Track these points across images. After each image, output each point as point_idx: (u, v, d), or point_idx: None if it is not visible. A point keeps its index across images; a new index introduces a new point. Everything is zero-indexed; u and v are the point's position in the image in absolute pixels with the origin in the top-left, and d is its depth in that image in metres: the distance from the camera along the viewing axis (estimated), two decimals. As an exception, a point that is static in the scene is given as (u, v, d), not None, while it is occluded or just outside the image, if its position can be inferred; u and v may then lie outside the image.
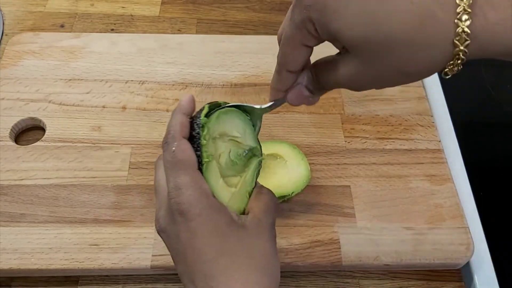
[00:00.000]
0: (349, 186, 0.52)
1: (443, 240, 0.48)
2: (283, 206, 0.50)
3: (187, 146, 0.33)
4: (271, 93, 0.36)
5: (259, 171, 0.38)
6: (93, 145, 0.53)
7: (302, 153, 0.51)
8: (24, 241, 0.46)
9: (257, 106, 0.39)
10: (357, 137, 0.56)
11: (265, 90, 0.59)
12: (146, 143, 0.54)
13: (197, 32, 0.69)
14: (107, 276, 0.48)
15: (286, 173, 0.49)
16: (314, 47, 0.32)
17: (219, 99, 0.58)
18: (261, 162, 0.39)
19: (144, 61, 0.61)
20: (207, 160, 0.34)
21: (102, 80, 0.59)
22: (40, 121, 0.55)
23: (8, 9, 0.69)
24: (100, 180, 0.51)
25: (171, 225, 0.32)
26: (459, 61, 0.26)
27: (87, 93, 0.58)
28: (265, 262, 0.33)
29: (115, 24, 0.68)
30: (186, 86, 0.59)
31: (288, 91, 0.35)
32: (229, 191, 0.35)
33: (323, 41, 0.31)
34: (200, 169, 0.33)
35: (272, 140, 0.54)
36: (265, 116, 0.57)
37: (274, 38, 0.65)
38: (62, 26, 0.67)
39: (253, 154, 0.38)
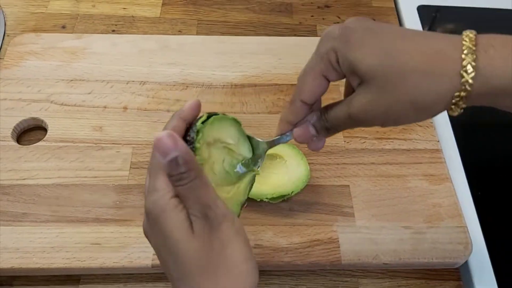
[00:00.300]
0: (348, 185, 0.52)
1: (441, 239, 0.49)
2: (282, 205, 0.50)
3: None
4: (280, 125, 0.37)
5: (252, 184, 0.39)
6: (94, 145, 0.54)
7: (301, 153, 0.51)
8: (26, 240, 0.47)
9: (261, 140, 0.39)
10: (356, 137, 0.56)
11: (265, 91, 0.60)
12: (147, 143, 0.54)
13: (198, 33, 0.69)
14: (108, 275, 0.48)
15: (285, 172, 0.50)
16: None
17: (220, 99, 0.59)
18: (255, 176, 0.39)
19: (145, 62, 0.62)
20: (199, 163, 0.33)
21: (104, 80, 0.59)
22: (42, 121, 0.55)
23: (10, 10, 0.69)
24: (101, 179, 0.51)
25: (147, 226, 0.32)
26: (465, 93, 0.29)
27: (89, 93, 0.58)
28: (230, 267, 0.31)
29: (116, 25, 0.69)
30: (187, 86, 0.60)
31: (295, 126, 0.36)
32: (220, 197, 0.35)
33: (341, 77, 0.33)
34: None
35: None
36: (265, 116, 0.58)
37: (274, 39, 0.66)
38: (63, 27, 0.68)
39: (249, 169, 0.38)
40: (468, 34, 0.30)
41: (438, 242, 0.48)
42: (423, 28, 0.71)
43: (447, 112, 0.31)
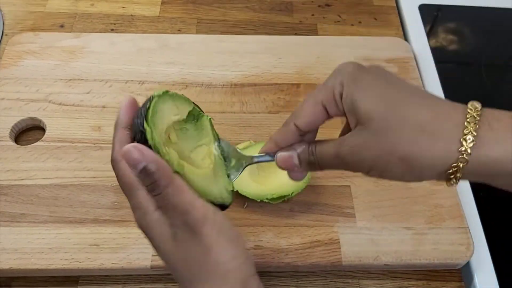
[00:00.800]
0: (349, 186, 0.52)
1: (443, 240, 0.48)
2: (283, 206, 0.50)
3: (125, 172, 0.32)
4: (267, 144, 0.36)
5: (214, 130, 0.38)
6: (93, 145, 0.53)
7: None
8: (24, 241, 0.46)
9: (246, 154, 0.38)
10: (357, 137, 0.56)
11: (265, 90, 0.59)
12: (146, 143, 0.54)
13: (197, 32, 0.69)
14: (107, 276, 0.48)
15: (286, 173, 0.50)
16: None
17: (219, 99, 0.58)
18: (210, 120, 0.38)
19: (144, 61, 0.61)
20: (166, 157, 0.32)
21: (102, 80, 0.59)
22: (40, 121, 0.55)
23: (8, 9, 0.69)
24: (100, 180, 0.51)
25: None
26: (462, 164, 0.28)
27: (87, 93, 0.58)
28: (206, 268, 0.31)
29: (115, 24, 0.68)
30: (186, 86, 0.59)
31: (282, 149, 0.35)
32: (201, 173, 0.35)
33: (339, 114, 0.33)
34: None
35: None
36: (264, 116, 0.57)
37: (274, 38, 0.65)
38: (62, 26, 0.67)
39: (196, 117, 0.37)
40: (474, 104, 0.29)
41: (440, 243, 0.48)
42: (424, 27, 0.71)
43: (446, 183, 0.30)
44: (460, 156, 0.28)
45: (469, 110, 0.29)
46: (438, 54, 0.68)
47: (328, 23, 0.71)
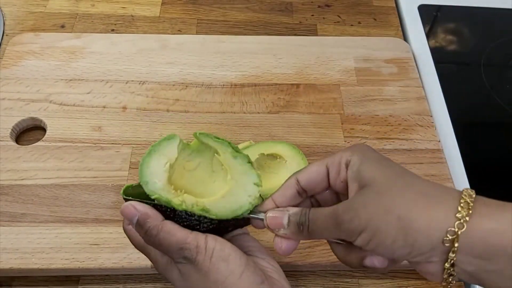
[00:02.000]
0: (349, 186, 0.52)
1: (442, 240, 0.48)
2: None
3: (134, 237, 0.37)
4: (266, 201, 0.36)
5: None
6: (93, 145, 0.53)
7: (302, 153, 0.51)
8: (24, 241, 0.46)
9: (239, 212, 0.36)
10: (357, 137, 0.56)
11: (265, 90, 0.60)
12: (146, 143, 0.54)
13: (197, 33, 0.69)
14: (107, 275, 0.48)
15: (286, 173, 0.49)
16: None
17: (219, 99, 0.58)
18: (197, 134, 0.37)
19: (144, 61, 0.61)
20: (183, 206, 0.34)
21: (103, 80, 0.59)
22: (41, 121, 0.55)
23: (9, 9, 0.69)
24: (100, 180, 0.51)
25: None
26: (459, 230, 0.28)
27: (88, 93, 0.58)
28: None
29: (115, 24, 0.69)
30: (186, 86, 0.59)
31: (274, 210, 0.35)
32: (223, 194, 0.36)
33: (340, 179, 0.34)
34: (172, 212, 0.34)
35: (272, 140, 0.54)
36: (265, 116, 0.57)
37: (274, 39, 0.66)
38: (62, 26, 0.68)
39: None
40: (468, 191, 0.30)
41: (439, 242, 0.48)
42: (424, 28, 0.71)
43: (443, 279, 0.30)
44: (457, 222, 0.28)
45: (463, 196, 0.29)
46: (438, 54, 0.68)
47: (328, 23, 0.71)
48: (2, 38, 0.65)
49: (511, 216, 0.28)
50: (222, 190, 0.36)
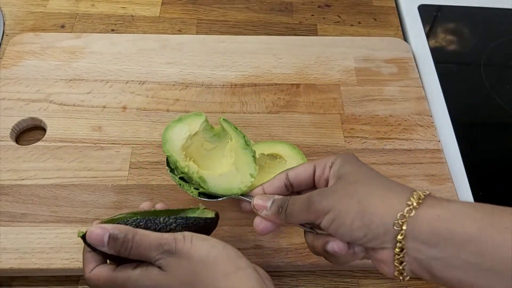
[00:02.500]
0: (349, 186, 0.52)
1: (442, 240, 0.48)
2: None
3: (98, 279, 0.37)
4: (256, 188, 0.41)
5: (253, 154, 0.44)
6: (93, 145, 0.53)
7: (302, 153, 0.51)
8: (24, 241, 0.46)
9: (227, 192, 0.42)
10: (357, 137, 0.56)
11: (265, 90, 0.60)
12: (146, 143, 0.54)
13: (197, 33, 0.69)
14: (107, 275, 0.48)
15: None
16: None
17: (219, 99, 0.58)
18: (224, 119, 0.45)
19: (144, 61, 0.61)
20: (186, 169, 0.42)
21: (103, 80, 0.59)
22: (41, 121, 0.55)
23: (9, 9, 0.69)
24: (100, 180, 0.51)
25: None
26: (408, 214, 0.32)
27: (88, 93, 0.58)
28: None
29: (115, 24, 0.69)
30: (186, 86, 0.59)
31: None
32: (223, 173, 0.42)
33: (322, 178, 0.38)
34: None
35: (272, 140, 0.54)
36: (265, 116, 0.58)
37: (274, 39, 0.66)
38: (62, 26, 0.68)
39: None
40: (424, 190, 0.34)
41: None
42: (424, 28, 0.71)
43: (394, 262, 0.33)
44: (407, 208, 0.32)
45: (418, 191, 0.33)
46: (438, 54, 0.68)
47: (328, 23, 0.71)
48: (2, 38, 0.65)
49: (457, 206, 0.32)
50: (221, 169, 0.43)
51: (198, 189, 0.42)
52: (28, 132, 0.56)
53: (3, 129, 0.54)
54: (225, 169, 0.43)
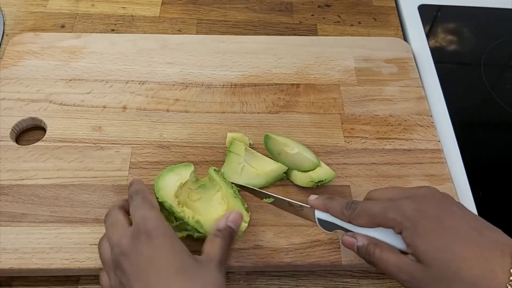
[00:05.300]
0: (349, 186, 0.52)
1: (442, 240, 0.48)
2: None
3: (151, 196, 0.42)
4: (320, 198, 0.43)
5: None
6: (93, 145, 0.53)
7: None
8: (24, 241, 0.46)
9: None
10: (357, 137, 0.56)
11: (265, 90, 0.60)
12: (146, 143, 0.54)
13: (197, 33, 0.69)
14: (107, 275, 0.48)
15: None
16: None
17: (219, 99, 0.58)
18: (214, 169, 0.50)
19: (144, 61, 0.61)
20: (181, 214, 0.45)
21: (103, 80, 0.59)
22: (41, 121, 0.55)
23: (9, 9, 0.69)
24: (100, 180, 0.51)
25: (135, 246, 0.37)
26: None
27: (88, 93, 0.58)
28: None
29: (115, 24, 0.69)
30: (186, 86, 0.59)
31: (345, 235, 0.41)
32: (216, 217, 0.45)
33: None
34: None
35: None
36: (265, 116, 0.58)
37: (274, 39, 0.66)
38: (62, 26, 0.68)
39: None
40: None
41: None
42: (424, 27, 0.71)
43: None
44: None
45: None
46: (438, 54, 0.68)
47: (328, 23, 0.71)
48: (2, 38, 0.65)
49: None
50: (217, 215, 0.46)
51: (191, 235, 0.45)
52: (28, 132, 0.56)
53: (3, 129, 0.54)
54: (220, 214, 0.46)
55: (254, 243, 0.47)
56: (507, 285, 0.31)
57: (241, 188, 0.50)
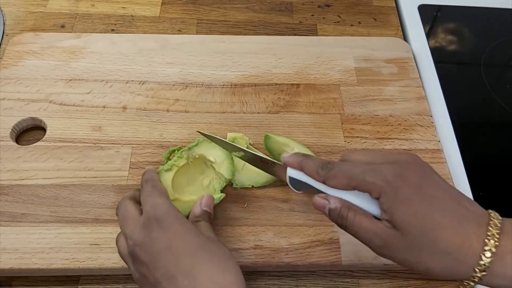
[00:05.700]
0: (349, 186, 0.52)
1: (442, 240, 0.48)
2: (283, 206, 0.50)
3: (162, 184, 0.43)
4: (294, 155, 0.41)
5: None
6: (93, 145, 0.53)
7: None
8: (25, 241, 0.46)
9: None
10: (357, 137, 0.56)
11: (265, 90, 0.60)
12: (146, 143, 0.54)
13: (197, 33, 0.69)
14: (107, 275, 0.48)
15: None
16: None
17: (219, 99, 0.58)
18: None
19: (144, 61, 0.61)
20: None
21: (103, 80, 0.59)
22: (41, 121, 0.55)
23: (9, 9, 0.69)
24: (100, 180, 0.51)
25: (148, 235, 0.36)
26: (481, 274, 0.31)
27: (88, 93, 0.58)
28: (229, 263, 0.37)
29: (115, 24, 0.69)
30: (186, 86, 0.59)
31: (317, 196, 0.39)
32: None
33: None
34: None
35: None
36: (265, 116, 0.58)
37: (274, 39, 0.66)
38: (62, 26, 0.68)
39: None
40: (495, 221, 0.32)
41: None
42: (424, 27, 0.71)
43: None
44: (479, 268, 0.31)
45: (489, 228, 0.32)
46: (438, 54, 0.68)
47: (328, 23, 0.71)
48: (2, 38, 0.65)
49: None
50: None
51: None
52: (28, 132, 0.56)
53: (3, 129, 0.54)
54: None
55: (254, 243, 0.47)
56: (481, 254, 0.31)
57: (208, 137, 0.49)
